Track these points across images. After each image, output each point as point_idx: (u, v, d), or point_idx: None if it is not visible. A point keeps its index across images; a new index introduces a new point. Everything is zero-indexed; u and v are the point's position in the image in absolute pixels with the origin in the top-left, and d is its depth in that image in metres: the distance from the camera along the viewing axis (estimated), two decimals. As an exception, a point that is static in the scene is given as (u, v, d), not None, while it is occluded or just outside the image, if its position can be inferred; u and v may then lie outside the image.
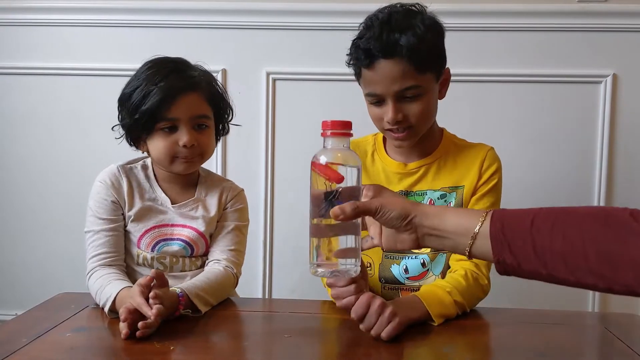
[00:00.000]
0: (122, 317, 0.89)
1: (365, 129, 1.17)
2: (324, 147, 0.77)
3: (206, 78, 1.14)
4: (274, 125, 1.85)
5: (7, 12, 1.85)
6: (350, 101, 1.35)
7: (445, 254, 1.14)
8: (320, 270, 0.77)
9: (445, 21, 1.11)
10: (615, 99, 1.76)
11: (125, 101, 1.10)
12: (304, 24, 1.80)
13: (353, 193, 0.76)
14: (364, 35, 1.07)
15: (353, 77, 1.14)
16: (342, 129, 0.76)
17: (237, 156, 1.87)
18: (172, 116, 1.07)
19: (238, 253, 1.18)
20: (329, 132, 0.76)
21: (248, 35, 1.83)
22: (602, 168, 1.78)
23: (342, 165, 0.75)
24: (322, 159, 0.75)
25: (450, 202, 1.14)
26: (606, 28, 1.74)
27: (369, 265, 1.18)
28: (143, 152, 1.17)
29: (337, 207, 0.73)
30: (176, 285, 1.01)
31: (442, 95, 1.15)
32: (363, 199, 0.78)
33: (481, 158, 1.15)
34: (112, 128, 1.14)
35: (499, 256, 0.68)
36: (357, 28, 1.10)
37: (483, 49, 1.78)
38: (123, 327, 0.88)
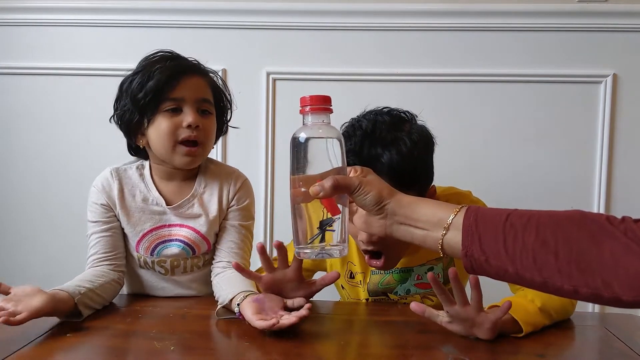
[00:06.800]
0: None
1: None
2: (303, 124, 0.73)
3: (208, 69, 1.14)
4: (274, 125, 1.85)
5: (6, 12, 1.85)
6: (351, 101, 1.34)
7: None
8: (307, 251, 0.74)
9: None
10: (615, 99, 1.77)
11: (127, 84, 1.08)
12: (304, 24, 1.80)
13: (339, 173, 0.73)
14: None
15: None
16: (322, 104, 0.72)
17: (237, 156, 1.87)
18: (176, 96, 1.05)
19: (245, 253, 1.16)
20: (307, 109, 0.72)
21: (248, 35, 1.83)
22: (602, 168, 1.78)
23: (323, 138, 0.72)
24: (303, 136, 0.71)
25: (438, 274, 1.11)
26: (606, 28, 1.74)
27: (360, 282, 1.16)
28: (142, 147, 1.13)
29: (316, 184, 0.70)
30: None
31: None
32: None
33: None
34: (110, 120, 1.12)
35: (467, 249, 0.67)
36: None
37: (482, 49, 1.77)
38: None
